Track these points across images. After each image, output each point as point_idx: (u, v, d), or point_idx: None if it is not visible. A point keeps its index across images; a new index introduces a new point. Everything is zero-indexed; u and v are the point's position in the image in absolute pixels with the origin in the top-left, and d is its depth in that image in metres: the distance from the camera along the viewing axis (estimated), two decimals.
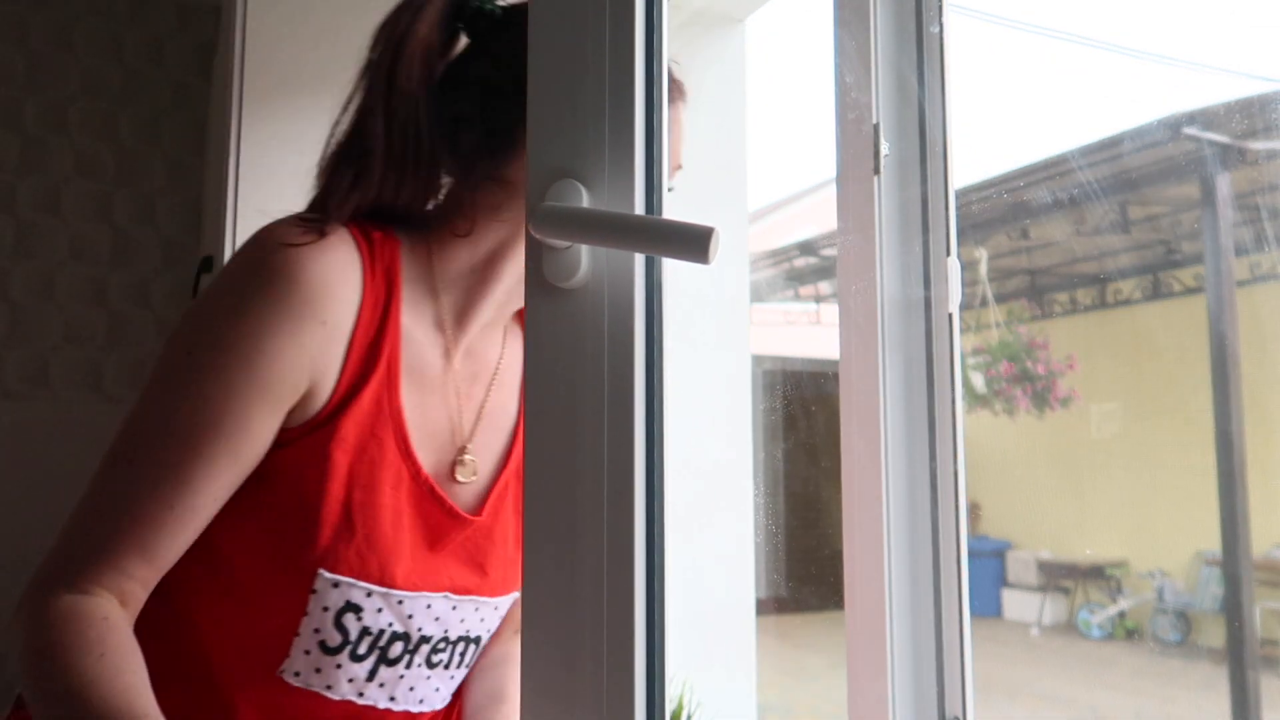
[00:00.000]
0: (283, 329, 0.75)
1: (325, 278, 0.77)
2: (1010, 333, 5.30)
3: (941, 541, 0.86)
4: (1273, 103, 3.28)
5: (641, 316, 0.58)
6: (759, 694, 2.12)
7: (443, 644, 0.85)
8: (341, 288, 0.78)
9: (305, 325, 0.76)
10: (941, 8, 0.91)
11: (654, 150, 0.59)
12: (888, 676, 0.83)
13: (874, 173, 0.89)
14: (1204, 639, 5.11)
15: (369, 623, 0.80)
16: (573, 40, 0.61)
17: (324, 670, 0.81)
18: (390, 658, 0.83)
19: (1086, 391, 5.21)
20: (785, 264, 6.58)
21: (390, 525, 0.81)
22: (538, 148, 0.61)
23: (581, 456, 0.58)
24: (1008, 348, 5.18)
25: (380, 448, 0.80)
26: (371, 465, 0.80)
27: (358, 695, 0.82)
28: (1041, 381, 5.06)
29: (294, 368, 0.76)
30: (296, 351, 0.76)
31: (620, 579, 0.56)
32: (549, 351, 0.60)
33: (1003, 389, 5.10)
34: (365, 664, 0.82)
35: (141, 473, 0.75)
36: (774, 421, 4.87)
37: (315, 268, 0.77)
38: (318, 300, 0.77)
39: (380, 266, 0.82)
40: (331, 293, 0.78)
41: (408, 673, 0.84)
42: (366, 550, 0.79)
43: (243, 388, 0.75)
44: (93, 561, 0.74)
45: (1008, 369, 5.08)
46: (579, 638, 0.57)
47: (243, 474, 0.77)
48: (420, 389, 0.84)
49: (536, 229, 0.58)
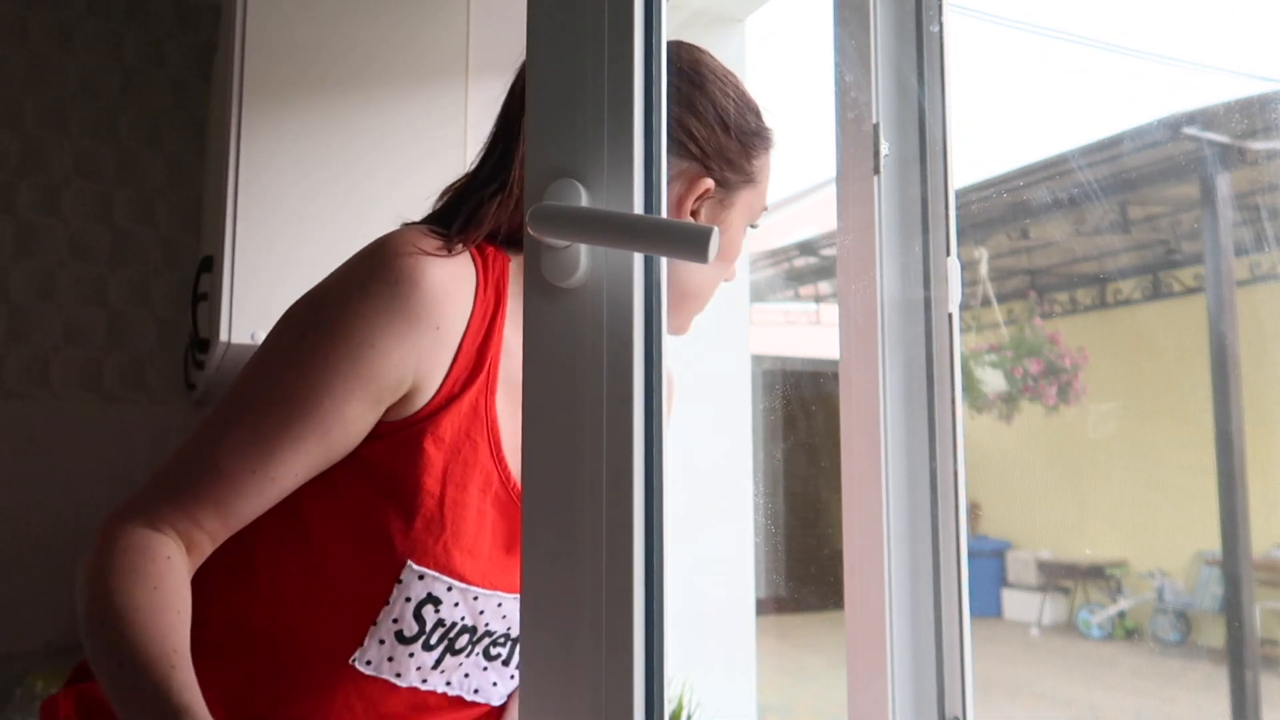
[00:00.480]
0: (397, 329, 0.79)
1: (445, 286, 0.81)
2: (1030, 329, 5.30)
3: (941, 541, 0.86)
4: (1273, 103, 3.28)
5: (641, 316, 0.58)
6: (759, 694, 2.12)
7: (503, 639, 0.88)
8: (457, 296, 0.82)
9: (419, 329, 0.80)
10: (941, 7, 0.91)
11: (653, 149, 0.59)
12: (888, 676, 0.83)
13: (874, 172, 0.89)
14: (1204, 639, 5.11)
15: (445, 615, 0.84)
16: (572, 40, 0.61)
17: (396, 659, 0.84)
18: (456, 649, 0.86)
19: (1088, 390, 5.21)
20: (785, 264, 6.58)
21: (474, 524, 0.84)
22: (537, 147, 0.61)
23: (580, 456, 0.58)
24: (1028, 344, 5.17)
25: (474, 450, 0.83)
26: (465, 466, 0.83)
27: (421, 682, 0.85)
28: (1067, 375, 5.06)
29: (400, 367, 0.80)
30: (406, 352, 0.80)
31: (619, 579, 0.56)
32: (548, 351, 0.60)
33: (1032, 386, 5.10)
34: (434, 653, 0.85)
35: (234, 433, 0.79)
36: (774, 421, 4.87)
37: (437, 276, 0.81)
38: (435, 307, 0.81)
39: (491, 280, 0.86)
40: (448, 301, 0.82)
41: (466, 661, 0.87)
42: (453, 546, 0.83)
43: (347, 376, 0.78)
44: (171, 504, 0.78)
45: (1037, 366, 5.08)
46: (578, 638, 0.57)
47: (330, 457, 0.81)
48: (515, 399, 0.87)
49: (535, 228, 0.58)
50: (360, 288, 0.81)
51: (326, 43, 1.73)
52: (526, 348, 0.61)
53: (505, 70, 0.94)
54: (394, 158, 1.76)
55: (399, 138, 1.76)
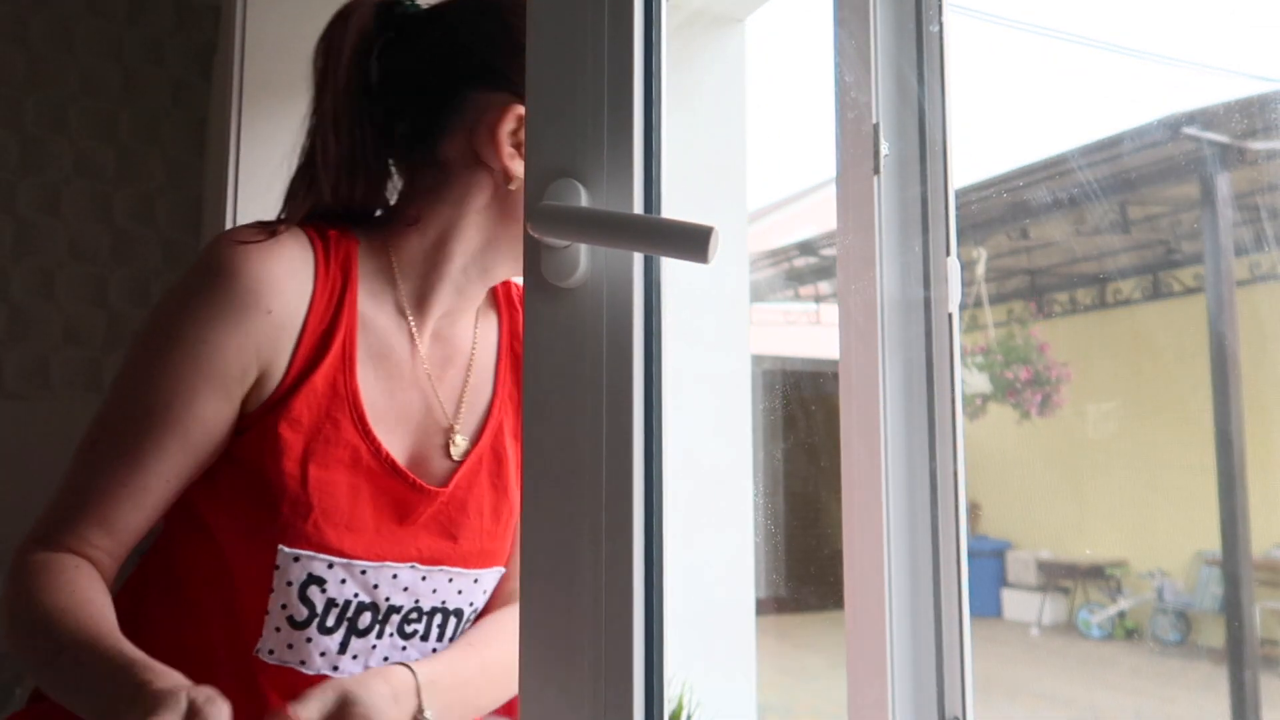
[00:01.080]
0: (227, 320, 0.82)
1: (270, 271, 0.83)
2: (1021, 335, 5.30)
3: (941, 541, 0.86)
4: (1273, 103, 3.28)
5: (641, 316, 0.58)
6: (759, 694, 2.12)
7: (415, 614, 0.88)
8: (289, 280, 0.84)
9: (249, 315, 0.82)
10: (941, 7, 0.91)
11: (653, 149, 0.59)
12: (887, 676, 0.83)
13: (874, 172, 0.89)
14: (1204, 639, 5.11)
15: (333, 594, 0.84)
16: (571, 39, 0.61)
17: (296, 646, 0.85)
18: (360, 628, 0.86)
19: (1087, 392, 5.21)
20: (785, 264, 6.58)
21: (348, 500, 0.85)
22: (536, 147, 0.61)
23: (580, 457, 0.58)
24: (1017, 351, 5.18)
25: (335, 428, 0.85)
26: (326, 444, 0.85)
27: (332, 669, 0.85)
28: (1050, 386, 5.08)
29: (240, 356, 0.82)
30: (242, 341, 0.82)
31: (619, 579, 0.56)
32: (547, 351, 0.60)
33: (1017, 391, 5.11)
34: (335, 636, 0.85)
35: (100, 451, 0.83)
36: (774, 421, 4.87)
37: (258, 262, 0.83)
38: (261, 291, 0.83)
39: (336, 260, 0.88)
40: (277, 285, 0.83)
41: (379, 643, 0.87)
42: (324, 524, 0.84)
43: (190, 376, 0.81)
44: (61, 529, 0.83)
45: (1027, 374, 5.09)
46: (578, 638, 0.57)
47: (199, 457, 0.84)
48: (386, 373, 0.89)
49: (535, 228, 0.58)
50: (186, 288, 0.84)
51: None
52: (526, 348, 0.61)
53: None
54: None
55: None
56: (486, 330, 0.99)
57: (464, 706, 0.82)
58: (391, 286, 0.91)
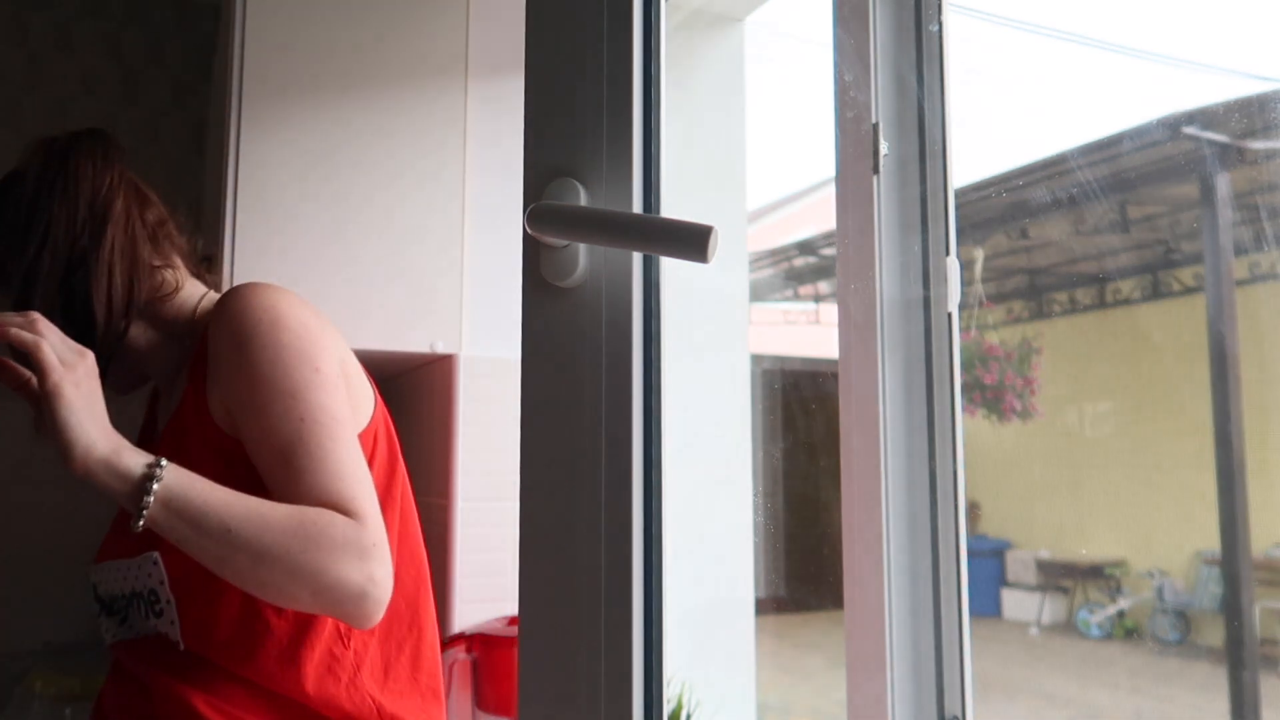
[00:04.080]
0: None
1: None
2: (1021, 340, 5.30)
3: (941, 541, 0.86)
4: (1272, 102, 3.28)
5: (640, 316, 0.58)
6: (758, 693, 2.12)
7: (122, 599, 0.99)
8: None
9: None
10: (940, 7, 0.91)
11: (652, 149, 0.59)
12: (887, 675, 0.83)
13: (873, 172, 0.89)
14: (1203, 638, 5.11)
15: (99, 593, 1.02)
16: (571, 40, 0.61)
17: (103, 626, 1.02)
18: (109, 613, 1.00)
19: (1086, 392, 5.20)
20: (784, 263, 6.58)
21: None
22: (535, 146, 0.61)
23: (579, 456, 0.58)
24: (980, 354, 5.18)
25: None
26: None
27: (114, 637, 1.01)
28: (1014, 391, 5.06)
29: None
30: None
31: (618, 579, 0.56)
32: (546, 350, 0.60)
33: (987, 398, 5.11)
34: (116, 617, 1.00)
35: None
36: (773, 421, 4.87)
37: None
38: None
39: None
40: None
41: (123, 624, 0.99)
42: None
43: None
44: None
45: (992, 379, 5.09)
46: (577, 638, 0.57)
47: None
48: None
49: (534, 227, 0.58)
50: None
51: (326, 43, 1.73)
52: (525, 347, 0.61)
53: (505, 70, 0.94)
54: (393, 157, 1.76)
55: (398, 138, 1.76)
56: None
57: (203, 498, 0.86)
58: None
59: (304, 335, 0.95)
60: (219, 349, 0.96)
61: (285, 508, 0.87)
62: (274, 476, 0.90)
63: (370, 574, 0.87)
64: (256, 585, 0.87)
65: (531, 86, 0.62)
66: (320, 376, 0.94)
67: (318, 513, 0.87)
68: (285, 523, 0.85)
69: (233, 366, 0.93)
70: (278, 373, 0.92)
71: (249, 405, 0.92)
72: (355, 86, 1.74)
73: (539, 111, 0.61)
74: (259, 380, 0.92)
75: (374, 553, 0.88)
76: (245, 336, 0.93)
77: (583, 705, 0.56)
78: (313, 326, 0.97)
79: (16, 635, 2.20)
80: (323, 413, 0.92)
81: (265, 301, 0.95)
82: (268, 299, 0.96)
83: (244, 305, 0.95)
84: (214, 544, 0.85)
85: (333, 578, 0.85)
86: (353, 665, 0.95)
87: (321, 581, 0.85)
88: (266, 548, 0.84)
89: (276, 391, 0.91)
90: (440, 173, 1.78)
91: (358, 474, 0.91)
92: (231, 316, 0.95)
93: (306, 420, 0.91)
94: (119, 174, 1.04)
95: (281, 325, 0.94)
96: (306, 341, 0.95)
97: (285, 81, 1.70)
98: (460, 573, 1.72)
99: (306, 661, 0.93)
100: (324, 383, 0.94)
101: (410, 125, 1.77)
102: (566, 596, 0.58)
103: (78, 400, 0.83)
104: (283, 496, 0.89)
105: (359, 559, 0.86)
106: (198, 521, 0.84)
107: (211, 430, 0.96)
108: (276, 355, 0.92)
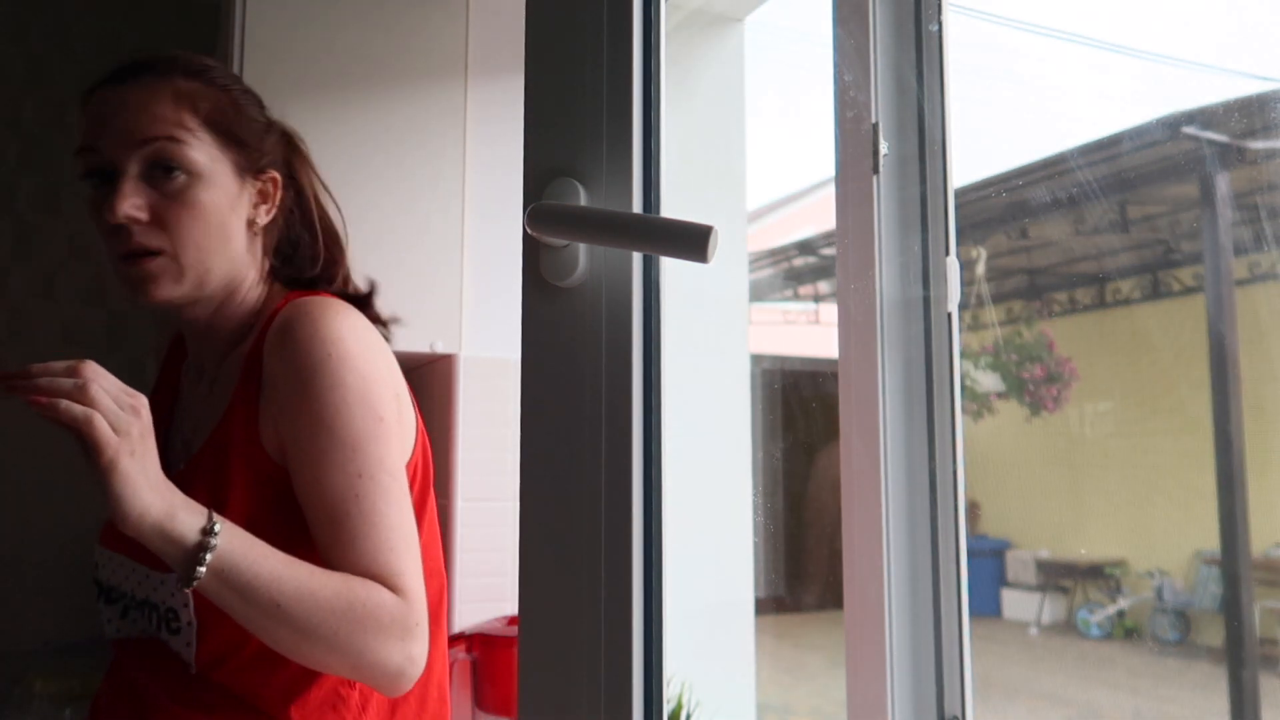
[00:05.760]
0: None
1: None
2: (1030, 334, 5.31)
3: (941, 541, 0.86)
4: (1272, 102, 3.28)
5: (640, 316, 0.58)
6: (758, 693, 2.12)
7: (133, 601, 0.95)
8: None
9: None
10: (940, 7, 0.90)
11: (652, 148, 0.59)
12: (887, 675, 0.83)
13: (873, 172, 0.88)
14: (1203, 638, 5.11)
15: (100, 575, 0.98)
16: (571, 39, 0.61)
17: (103, 616, 0.98)
18: (108, 601, 0.97)
19: (1086, 391, 5.21)
20: (784, 263, 6.58)
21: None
22: (534, 146, 0.61)
23: (579, 456, 0.58)
24: (1028, 348, 5.19)
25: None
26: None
27: (116, 632, 0.97)
28: (1062, 383, 5.09)
29: None
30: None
31: (618, 578, 0.56)
32: (546, 350, 0.60)
33: (1032, 390, 5.12)
34: (116, 607, 0.96)
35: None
36: (773, 421, 4.87)
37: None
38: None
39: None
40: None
41: (129, 619, 0.95)
42: (107, 520, 0.95)
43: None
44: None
45: (1041, 371, 5.10)
46: (577, 638, 0.57)
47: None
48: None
49: (534, 227, 0.58)
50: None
51: (326, 43, 1.73)
52: (524, 347, 0.61)
53: (505, 70, 0.94)
54: (393, 157, 1.76)
55: (398, 137, 1.76)
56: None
57: (254, 570, 0.82)
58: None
59: (369, 375, 0.91)
60: (278, 376, 0.91)
61: (335, 582, 0.84)
62: (322, 531, 0.88)
63: (410, 654, 0.85)
64: (294, 655, 0.85)
65: (531, 86, 0.62)
66: (383, 426, 0.90)
67: (366, 590, 0.84)
68: (334, 601, 0.82)
69: (293, 402, 0.90)
70: (340, 420, 0.88)
71: (307, 449, 0.89)
72: (355, 86, 1.74)
73: (539, 111, 0.61)
74: (320, 425, 0.88)
75: (416, 632, 0.86)
76: (310, 373, 0.89)
77: (583, 705, 0.56)
78: (377, 362, 0.93)
79: (16, 635, 2.20)
80: (380, 470, 0.89)
81: (332, 332, 0.91)
82: (334, 329, 0.91)
83: (309, 335, 0.90)
84: (260, 615, 0.82)
85: (374, 658, 0.84)
86: (358, 706, 0.93)
87: (363, 660, 0.84)
88: (314, 627, 0.82)
89: (336, 441, 0.88)
90: (440, 173, 1.78)
91: (407, 540, 0.89)
92: (297, 346, 0.90)
93: (364, 476, 0.88)
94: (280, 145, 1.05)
95: (348, 364, 0.90)
96: (372, 382, 0.91)
97: (285, 81, 1.70)
98: (460, 573, 1.72)
99: (311, 698, 0.91)
100: (385, 433, 0.90)
101: (410, 125, 1.77)
102: (566, 596, 0.58)
103: (133, 471, 0.78)
104: (329, 555, 0.87)
105: (401, 640, 0.85)
106: (246, 593, 0.81)
107: (259, 456, 0.92)
108: (341, 399, 0.89)
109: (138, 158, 0.93)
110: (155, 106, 0.94)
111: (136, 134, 0.93)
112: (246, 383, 0.95)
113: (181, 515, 0.80)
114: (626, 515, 0.57)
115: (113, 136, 0.93)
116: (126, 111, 0.94)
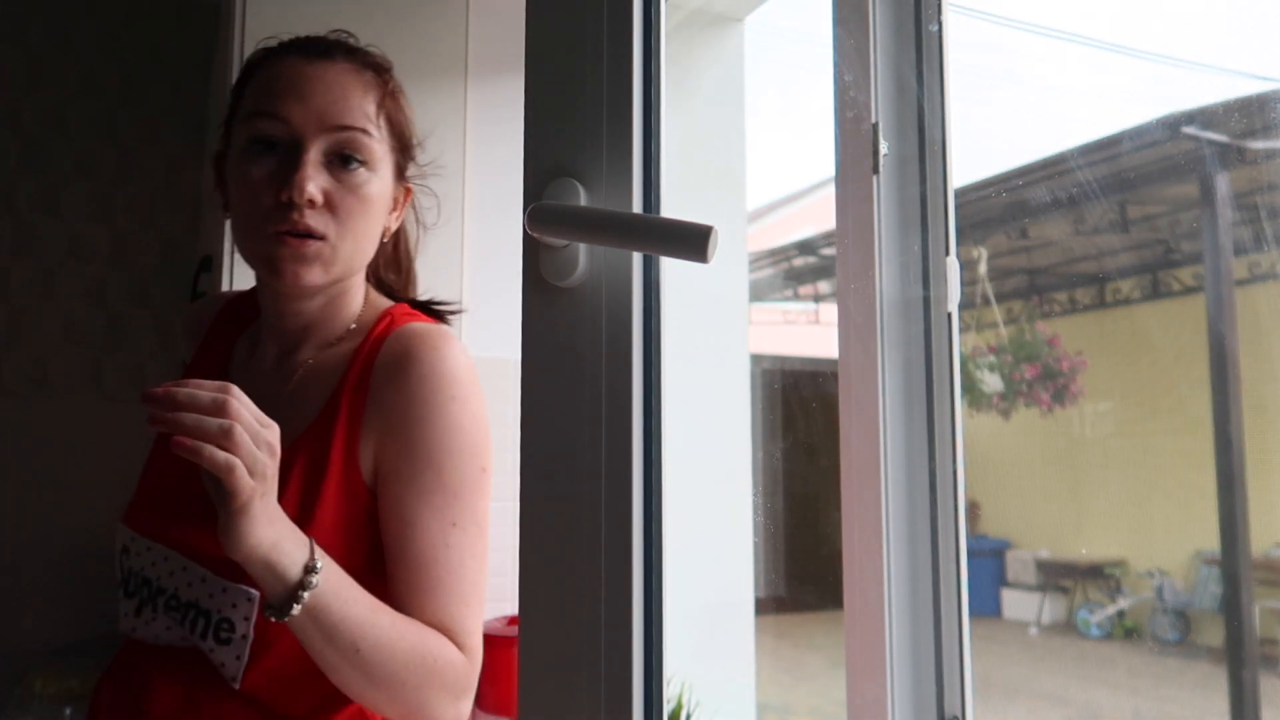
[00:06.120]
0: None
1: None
2: (1030, 331, 5.30)
3: (941, 541, 0.86)
4: (1272, 102, 3.28)
5: (640, 316, 0.58)
6: (758, 693, 2.12)
7: (174, 601, 0.89)
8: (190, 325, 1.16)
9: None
10: (940, 7, 0.90)
11: (652, 148, 0.59)
12: (887, 675, 0.83)
13: (873, 172, 0.88)
14: (1203, 638, 5.11)
15: (132, 564, 0.91)
16: (571, 39, 0.61)
17: (120, 609, 0.93)
18: (143, 598, 0.91)
19: (1086, 391, 5.21)
20: (784, 263, 6.58)
21: (154, 481, 0.96)
22: (535, 146, 0.61)
23: (579, 456, 0.58)
24: (1027, 348, 5.18)
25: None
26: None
27: (132, 630, 0.91)
28: (1064, 379, 5.08)
29: None
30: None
31: (618, 578, 0.56)
32: (546, 350, 0.60)
33: (1026, 391, 5.12)
34: (134, 600, 0.91)
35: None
36: (773, 421, 4.87)
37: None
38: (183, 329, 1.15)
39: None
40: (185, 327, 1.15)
41: (156, 616, 0.90)
42: (140, 502, 0.94)
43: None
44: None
45: (1032, 371, 5.10)
46: (577, 638, 0.57)
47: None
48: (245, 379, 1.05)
49: (533, 227, 0.58)
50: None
51: None
52: (524, 347, 0.61)
53: (505, 70, 0.94)
54: None
55: None
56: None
57: (342, 613, 0.81)
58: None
59: (482, 424, 0.91)
60: (392, 406, 0.90)
61: (412, 635, 0.84)
62: (404, 570, 0.87)
63: (460, 712, 0.87)
64: (354, 695, 0.84)
65: (531, 86, 0.62)
66: (484, 477, 0.91)
67: (440, 646, 0.85)
68: (409, 654, 0.83)
69: (404, 436, 0.88)
70: (449, 465, 0.88)
71: (408, 485, 0.88)
72: None
73: (539, 111, 0.61)
74: (428, 466, 0.88)
75: (470, 691, 0.87)
76: (429, 411, 0.88)
77: (583, 705, 0.56)
78: (485, 408, 0.93)
79: (16, 635, 2.21)
80: (473, 521, 0.89)
81: (453, 370, 0.90)
82: (457, 369, 0.90)
83: (433, 373, 0.89)
84: (336, 655, 0.81)
85: (430, 712, 0.85)
86: None
87: (419, 712, 0.85)
88: (385, 676, 0.82)
89: (440, 485, 0.88)
90: (439, 172, 1.78)
91: (481, 597, 0.89)
92: (421, 381, 0.89)
93: (458, 526, 0.88)
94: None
95: (468, 410, 0.90)
96: (484, 431, 0.91)
97: None
98: None
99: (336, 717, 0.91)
100: (485, 485, 0.91)
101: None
102: (566, 596, 0.58)
103: (260, 512, 0.76)
104: (402, 594, 0.87)
105: (456, 698, 0.86)
106: (331, 634, 0.80)
107: (354, 478, 0.90)
108: (453, 444, 0.88)
109: (327, 141, 0.91)
110: (354, 94, 0.94)
111: (333, 118, 0.91)
112: (354, 398, 0.92)
113: (286, 546, 0.78)
114: (626, 515, 0.57)
115: (307, 113, 0.91)
116: (326, 91, 0.93)
